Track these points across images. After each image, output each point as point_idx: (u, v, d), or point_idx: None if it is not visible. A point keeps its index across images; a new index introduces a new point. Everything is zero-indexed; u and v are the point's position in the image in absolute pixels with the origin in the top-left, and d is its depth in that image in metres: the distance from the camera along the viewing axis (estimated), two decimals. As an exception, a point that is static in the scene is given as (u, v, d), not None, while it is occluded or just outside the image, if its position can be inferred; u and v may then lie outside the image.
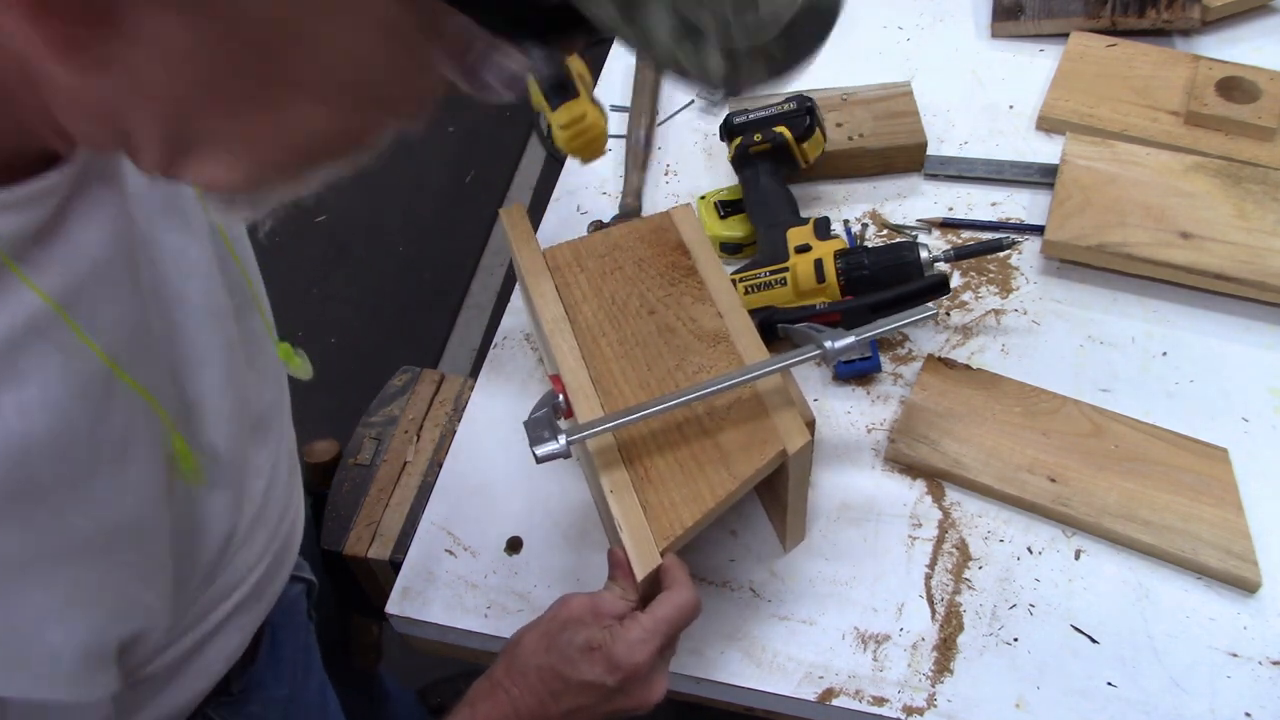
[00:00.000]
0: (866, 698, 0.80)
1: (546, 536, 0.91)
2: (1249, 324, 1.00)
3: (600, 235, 0.91)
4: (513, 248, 0.90)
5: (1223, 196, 1.03)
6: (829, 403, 0.97)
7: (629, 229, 0.90)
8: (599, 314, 0.84)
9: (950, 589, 0.85)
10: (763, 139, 1.06)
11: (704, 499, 0.73)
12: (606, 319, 0.83)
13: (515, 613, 0.86)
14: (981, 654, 0.81)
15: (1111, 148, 1.09)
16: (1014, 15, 1.29)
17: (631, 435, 0.77)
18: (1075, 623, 0.82)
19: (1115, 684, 0.79)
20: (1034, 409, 0.93)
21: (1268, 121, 1.10)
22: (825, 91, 1.18)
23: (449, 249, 2.39)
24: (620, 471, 0.75)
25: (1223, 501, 0.86)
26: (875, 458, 0.93)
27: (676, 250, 0.87)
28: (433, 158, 2.57)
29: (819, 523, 0.89)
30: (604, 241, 0.89)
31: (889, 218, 1.12)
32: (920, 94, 1.18)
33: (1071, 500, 0.87)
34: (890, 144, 1.14)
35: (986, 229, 1.09)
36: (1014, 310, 1.03)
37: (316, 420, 2.08)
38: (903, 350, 1.01)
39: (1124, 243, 1.01)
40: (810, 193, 1.15)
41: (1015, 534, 0.88)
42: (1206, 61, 1.17)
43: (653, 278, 0.85)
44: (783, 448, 0.75)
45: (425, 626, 0.88)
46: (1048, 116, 1.18)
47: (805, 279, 0.97)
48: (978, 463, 0.89)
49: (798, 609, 0.85)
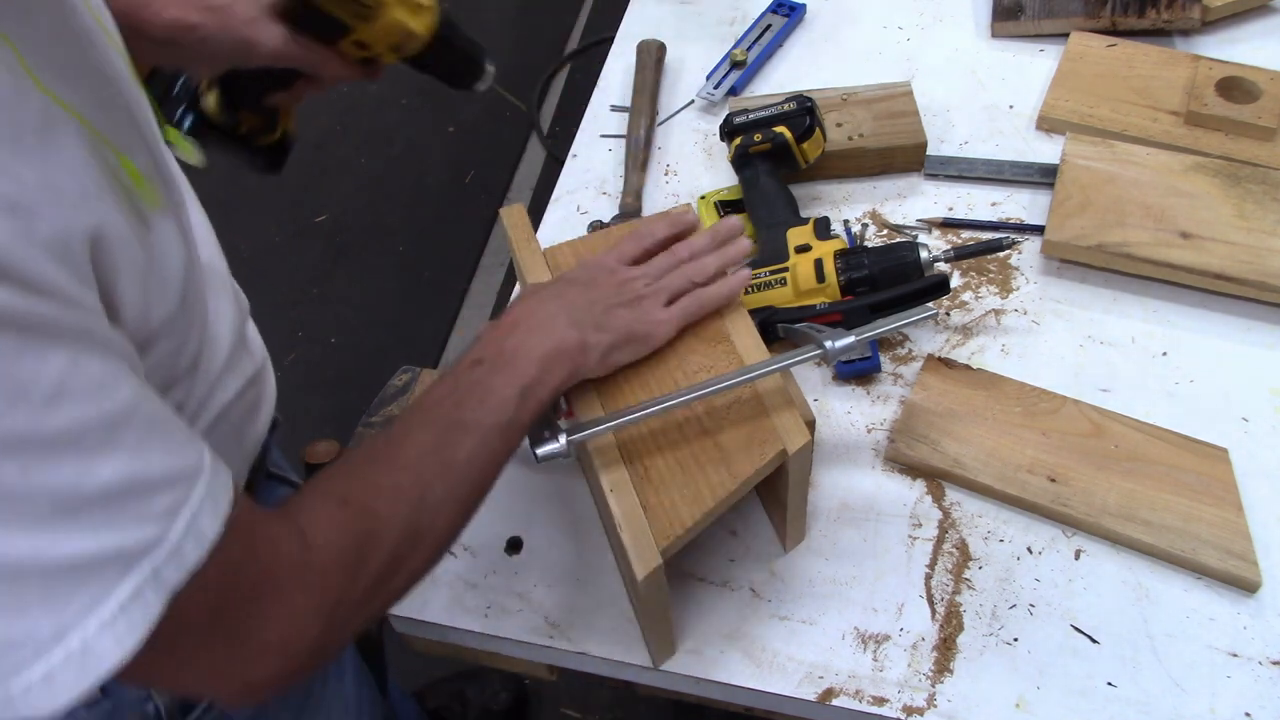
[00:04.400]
0: (866, 698, 0.80)
1: (546, 536, 0.91)
2: (1249, 324, 1.00)
3: (600, 235, 0.91)
4: (513, 248, 0.90)
5: (1223, 196, 1.03)
6: (829, 403, 0.97)
7: (629, 229, 0.90)
8: (599, 314, 0.83)
9: (950, 589, 0.85)
10: (763, 139, 1.06)
11: (704, 499, 0.73)
12: (606, 319, 0.83)
13: (515, 613, 0.86)
14: (981, 654, 0.81)
15: (1111, 148, 1.09)
16: (1014, 15, 1.29)
17: (631, 435, 0.77)
18: (1075, 623, 0.82)
19: (1115, 684, 0.79)
20: (1034, 409, 0.93)
21: (1268, 121, 1.10)
22: (825, 91, 1.18)
23: (449, 249, 2.39)
24: (620, 471, 0.75)
25: (1223, 501, 0.86)
26: (875, 458, 0.93)
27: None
28: (433, 158, 2.57)
29: (819, 523, 0.89)
30: (604, 241, 0.89)
31: (889, 218, 1.12)
32: (920, 94, 1.18)
33: (1071, 500, 0.87)
34: (890, 144, 1.14)
35: (986, 229, 1.09)
36: (1014, 310, 1.03)
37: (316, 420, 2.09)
38: (903, 350, 1.01)
39: (1124, 243, 1.01)
40: (810, 193, 1.15)
41: (1015, 534, 0.88)
42: (1206, 61, 1.17)
43: (653, 278, 0.85)
44: (783, 448, 0.75)
45: (425, 626, 0.88)
46: (1048, 116, 1.18)
47: (805, 279, 0.97)
48: (978, 463, 0.89)
49: (798, 609, 0.85)
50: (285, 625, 0.56)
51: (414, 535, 0.63)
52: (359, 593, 0.60)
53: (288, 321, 2.35)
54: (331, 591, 0.58)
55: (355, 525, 0.61)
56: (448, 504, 0.65)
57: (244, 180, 2.56)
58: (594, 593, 0.87)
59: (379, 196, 2.50)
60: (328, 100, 2.70)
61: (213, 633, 0.54)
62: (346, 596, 0.59)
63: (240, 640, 0.55)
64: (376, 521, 0.61)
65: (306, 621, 0.57)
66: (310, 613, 0.57)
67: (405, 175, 2.54)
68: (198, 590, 0.51)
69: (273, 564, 0.56)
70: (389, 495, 0.63)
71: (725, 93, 1.26)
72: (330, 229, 2.49)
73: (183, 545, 0.50)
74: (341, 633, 0.60)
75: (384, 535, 0.61)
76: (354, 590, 0.59)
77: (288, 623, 0.56)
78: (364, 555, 0.60)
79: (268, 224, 2.42)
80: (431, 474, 0.65)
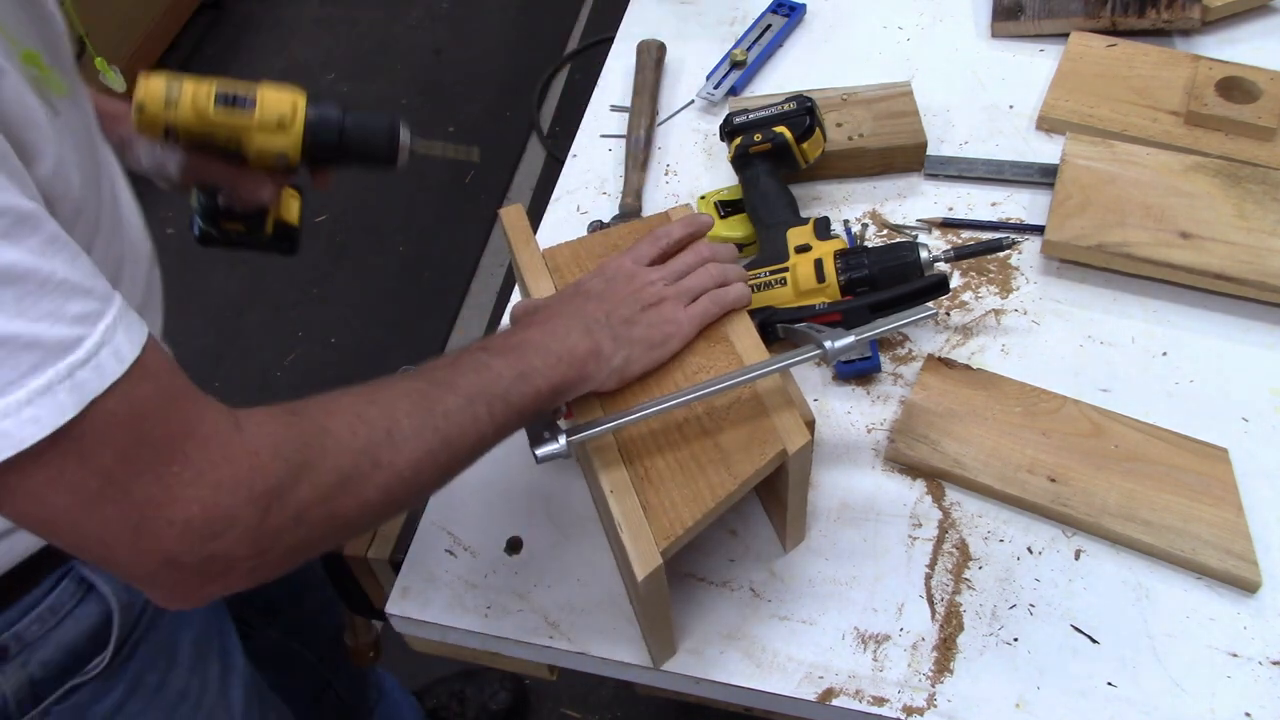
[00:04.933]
0: (866, 698, 0.80)
1: (546, 536, 0.91)
2: (1249, 324, 1.00)
3: (600, 235, 0.91)
4: (512, 248, 0.90)
5: (1223, 196, 1.03)
6: (829, 403, 0.97)
7: (629, 229, 0.90)
8: (599, 314, 0.83)
9: (950, 589, 0.85)
10: (763, 139, 1.06)
11: (704, 499, 0.73)
12: (606, 319, 0.83)
13: (515, 613, 0.86)
14: (981, 654, 0.81)
15: (1111, 148, 1.09)
16: (1014, 15, 1.29)
17: (631, 435, 0.77)
18: (1075, 623, 0.82)
19: (1115, 684, 0.79)
20: (1034, 409, 0.93)
21: (1268, 121, 1.10)
22: (825, 91, 1.18)
23: (449, 249, 2.39)
24: (620, 471, 0.75)
25: (1223, 501, 0.86)
26: (875, 458, 0.93)
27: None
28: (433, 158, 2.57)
29: (819, 523, 0.89)
30: (604, 241, 0.89)
31: (889, 218, 1.12)
32: (920, 94, 1.18)
33: (1071, 500, 0.87)
34: (890, 144, 1.14)
35: (986, 229, 1.09)
36: (1014, 310, 1.03)
37: (316, 420, 2.08)
38: (903, 350, 1.01)
39: (1124, 243, 1.01)
40: (810, 193, 1.15)
41: (1015, 534, 0.88)
42: (1206, 61, 1.17)
43: (653, 278, 0.85)
44: (783, 448, 0.75)
45: (425, 626, 0.88)
46: (1048, 116, 1.18)
47: (805, 279, 0.97)
48: (978, 463, 0.89)
49: (798, 609, 0.85)
50: (207, 496, 0.55)
51: (373, 462, 0.62)
52: (302, 495, 0.58)
53: (288, 321, 2.35)
54: (263, 477, 0.57)
55: (299, 429, 0.60)
56: (414, 445, 0.64)
57: (244, 180, 2.56)
58: (594, 593, 0.87)
59: (379, 196, 2.50)
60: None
61: (123, 479, 0.53)
62: (286, 493, 0.57)
63: (153, 497, 0.54)
64: (326, 435, 0.61)
65: (233, 501, 0.55)
66: (236, 491, 0.56)
67: (405, 175, 2.53)
68: (109, 424, 0.51)
69: (194, 427, 0.55)
70: (348, 417, 0.62)
71: (725, 93, 1.26)
72: (330, 229, 2.49)
73: (99, 356, 0.51)
74: (282, 535, 0.58)
75: (334, 448, 0.61)
76: (295, 490, 0.58)
77: (210, 494, 0.55)
78: (308, 458, 0.59)
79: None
80: (403, 413, 0.64)
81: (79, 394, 0.50)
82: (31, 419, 0.49)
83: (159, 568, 0.55)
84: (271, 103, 0.80)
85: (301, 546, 0.60)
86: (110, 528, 0.54)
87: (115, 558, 0.55)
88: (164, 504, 0.54)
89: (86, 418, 0.51)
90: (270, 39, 2.88)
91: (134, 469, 0.53)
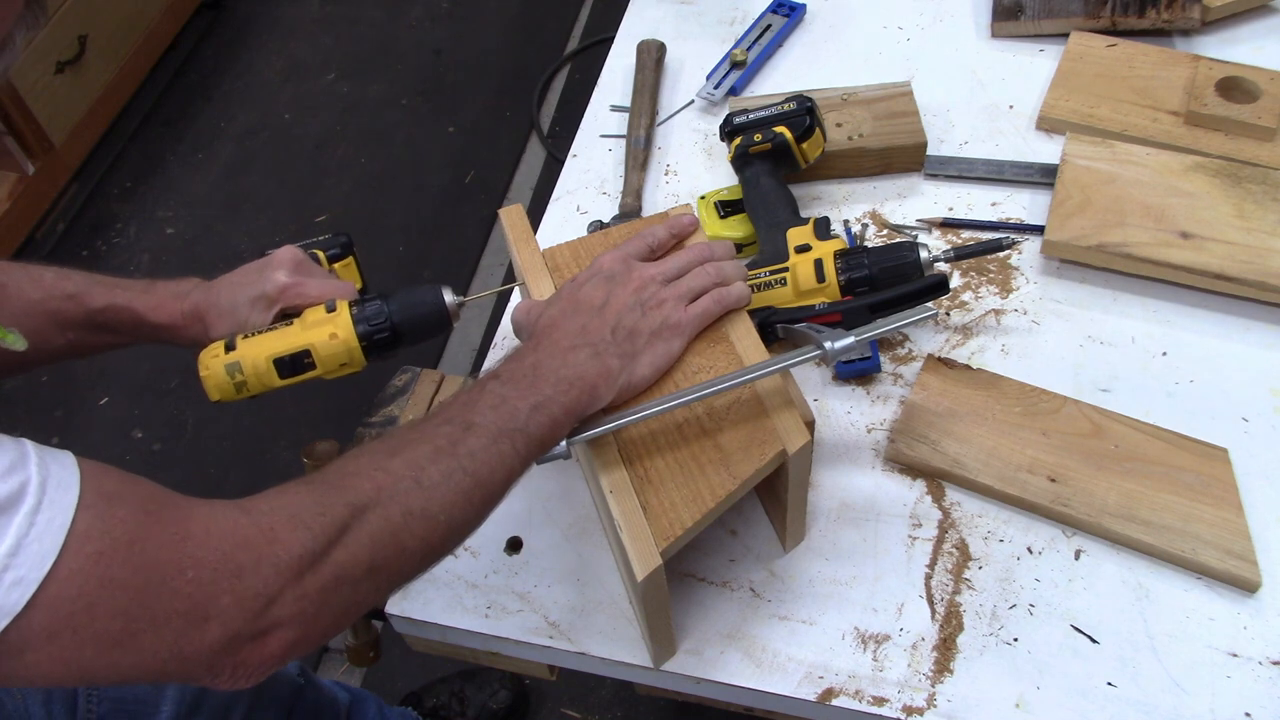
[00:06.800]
0: (866, 698, 0.80)
1: (546, 536, 0.91)
2: (1249, 324, 1.00)
3: (600, 235, 0.91)
4: (512, 248, 0.90)
5: (1223, 196, 1.03)
6: (829, 403, 0.97)
7: (629, 229, 0.90)
8: (599, 314, 0.83)
9: (950, 589, 0.85)
10: (763, 139, 1.06)
11: (704, 499, 0.73)
12: (606, 319, 0.83)
13: (515, 613, 0.86)
14: (981, 654, 0.81)
15: (1111, 148, 1.09)
16: (1014, 15, 1.29)
17: (631, 435, 0.77)
18: (1075, 623, 0.82)
19: (1115, 684, 0.79)
20: (1034, 409, 0.93)
21: (1268, 121, 1.10)
22: (825, 91, 1.18)
23: (449, 249, 2.39)
24: (620, 472, 0.75)
25: (1223, 501, 0.86)
26: (875, 458, 0.93)
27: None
28: (433, 158, 2.57)
29: (819, 523, 0.89)
30: (604, 241, 0.89)
31: (889, 218, 1.12)
32: (920, 94, 1.18)
33: (1071, 500, 0.87)
34: (890, 144, 1.14)
35: (986, 229, 1.09)
36: (1014, 310, 1.03)
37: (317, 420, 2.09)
38: (903, 350, 1.01)
39: (1124, 243, 1.01)
40: (810, 193, 1.15)
41: (1015, 534, 0.88)
42: (1206, 61, 1.17)
43: (653, 278, 0.85)
44: (782, 448, 0.75)
45: (425, 626, 0.88)
46: (1048, 116, 1.18)
47: (805, 279, 0.96)
48: (978, 463, 0.89)
49: (798, 609, 0.85)
50: (232, 585, 0.54)
51: (404, 511, 0.63)
52: (338, 556, 0.58)
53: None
54: (286, 549, 0.57)
55: (316, 496, 0.60)
56: (444, 489, 0.65)
57: (244, 181, 2.56)
58: (594, 593, 0.87)
59: (379, 196, 2.50)
60: (328, 100, 2.70)
61: (138, 611, 0.52)
62: (319, 558, 0.57)
63: (177, 610, 0.53)
64: (350, 494, 0.61)
65: (259, 579, 0.55)
66: (259, 569, 0.55)
67: (405, 175, 2.54)
68: (95, 563, 0.50)
69: (187, 529, 0.55)
70: (370, 473, 0.63)
71: (725, 93, 1.26)
72: (330, 229, 2.49)
73: (48, 493, 0.50)
74: (327, 599, 0.58)
75: (361, 505, 0.61)
76: (329, 553, 0.58)
77: (233, 582, 0.54)
78: (334, 520, 0.59)
79: (268, 224, 2.42)
80: (427, 459, 0.65)
81: (53, 537, 0.49)
82: (14, 582, 0.47)
83: (215, 660, 0.55)
84: (328, 354, 0.85)
85: (352, 605, 0.61)
86: (152, 660, 0.53)
87: (173, 676, 0.55)
88: (190, 610, 0.53)
89: (62, 562, 0.49)
90: (270, 39, 2.88)
91: (144, 598, 0.52)
